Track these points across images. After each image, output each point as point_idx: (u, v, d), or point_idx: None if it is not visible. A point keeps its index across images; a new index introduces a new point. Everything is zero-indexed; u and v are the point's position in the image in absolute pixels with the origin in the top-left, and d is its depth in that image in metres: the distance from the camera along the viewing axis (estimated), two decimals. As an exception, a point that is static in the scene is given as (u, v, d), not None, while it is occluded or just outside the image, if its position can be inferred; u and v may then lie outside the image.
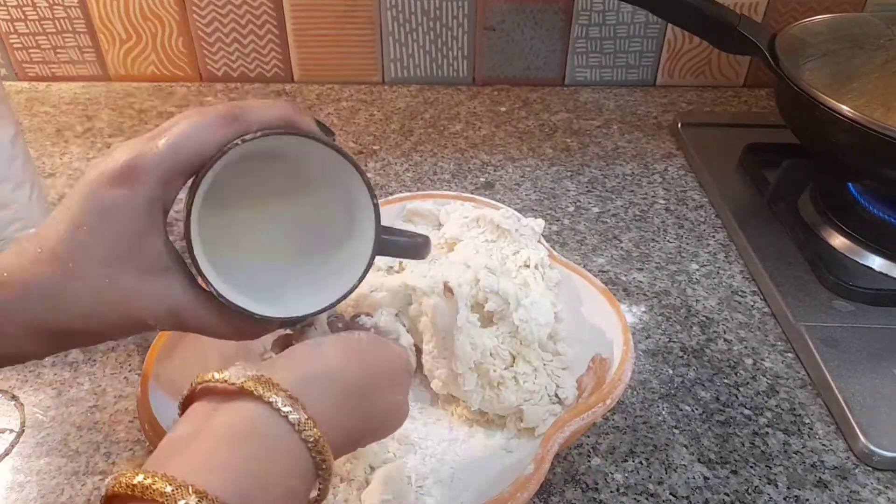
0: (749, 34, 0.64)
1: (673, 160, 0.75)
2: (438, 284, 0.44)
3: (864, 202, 0.63)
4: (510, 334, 0.44)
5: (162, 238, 0.30)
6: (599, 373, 0.43)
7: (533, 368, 0.44)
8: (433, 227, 0.52)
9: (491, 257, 0.47)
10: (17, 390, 0.48)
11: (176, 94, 0.84)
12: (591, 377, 0.44)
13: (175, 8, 0.81)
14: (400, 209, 0.53)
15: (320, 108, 0.83)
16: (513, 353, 0.44)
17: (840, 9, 0.83)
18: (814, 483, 0.44)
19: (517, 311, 0.44)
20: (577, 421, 0.38)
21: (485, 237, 0.49)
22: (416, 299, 0.45)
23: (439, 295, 0.44)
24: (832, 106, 0.56)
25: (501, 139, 0.78)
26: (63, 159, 0.72)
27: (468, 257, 0.47)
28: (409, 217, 0.52)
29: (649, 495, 0.43)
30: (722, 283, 0.59)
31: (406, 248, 0.37)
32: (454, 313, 0.43)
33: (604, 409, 0.39)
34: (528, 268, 0.47)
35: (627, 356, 0.41)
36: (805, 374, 0.51)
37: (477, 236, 0.49)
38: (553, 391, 0.44)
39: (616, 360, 0.41)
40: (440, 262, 0.48)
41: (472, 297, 0.44)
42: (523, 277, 0.47)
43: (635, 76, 0.88)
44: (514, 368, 0.44)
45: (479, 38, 0.85)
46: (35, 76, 0.86)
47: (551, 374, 0.45)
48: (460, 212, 0.51)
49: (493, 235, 0.49)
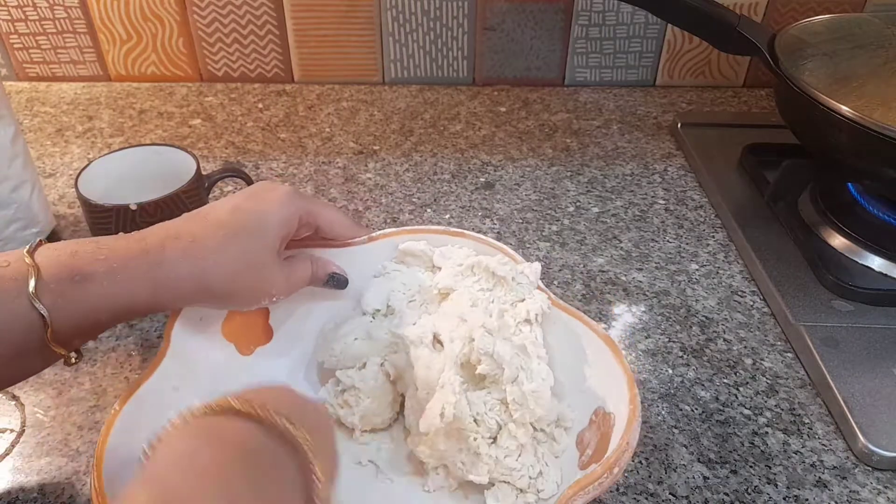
0: (749, 34, 0.64)
1: (673, 160, 0.75)
2: (428, 335, 0.42)
3: (863, 202, 0.63)
4: (500, 402, 0.40)
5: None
6: (603, 428, 0.39)
7: (519, 445, 0.40)
8: (426, 268, 0.49)
9: (489, 311, 0.43)
10: (18, 390, 0.48)
11: (176, 95, 0.84)
12: (593, 432, 0.40)
13: (175, 8, 0.82)
14: (392, 248, 0.49)
15: (320, 108, 0.83)
16: (500, 423, 0.40)
17: (840, 9, 0.83)
18: (813, 483, 0.44)
19: (511, 387, 0.39)
20: (581, 496, 0.34)
21: (480, 285, 0.46)
22: (402, 348, 0.43)
23: (428, 346, 0.41)
24: (832, 106, 0.56)
25: (501, 139, 0.78)
26: (63, 159, 0.72)
27: (464, 310, 0.44)
28: (401, 258, 0.49)
29: (649, 495, 0.43)
30: (721, 283, 0.59)
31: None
32: (440, 369, 0.40)
33: (611, 481, 0.34)
34: (529, 323, 0.43)
35: (635, 417, 0.36)
36: (804, 374, 0.51)
37: (472, 285, 0.46)
38: (535, 474, 0.39)
39: (619, 418, 0.37)
40: (433, 312, 0.46)
41: (464, 356, 0.41)
42: (523, 338, 0.42)
43: (635, 76, 0.88)
44: (499, 441, 0.40)
45: (480, 38, 0.85)
46: (35, 76, 0.86)
47: (539, 458, 0.40)
48: (454, 258, 0.47)
49: (490, 283, 0.46)
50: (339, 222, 0.47)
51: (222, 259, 0.39)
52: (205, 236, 0.39)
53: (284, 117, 0.81)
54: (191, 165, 0.56)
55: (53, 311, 0.35)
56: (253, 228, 0.40)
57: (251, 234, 0.40)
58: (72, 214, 0.64)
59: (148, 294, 0.37)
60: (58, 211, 0.64)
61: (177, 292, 0.38)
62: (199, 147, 0.75)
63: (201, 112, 0.81)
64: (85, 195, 0.52)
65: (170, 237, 0.38)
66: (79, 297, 0.35)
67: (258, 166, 0.72)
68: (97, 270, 0.36)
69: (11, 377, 0.38)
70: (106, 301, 0.36)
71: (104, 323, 0.37)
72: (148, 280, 0.37)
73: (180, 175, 0.54)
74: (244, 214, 0.41)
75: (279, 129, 0.79)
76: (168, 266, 0.37)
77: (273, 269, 0.41)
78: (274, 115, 0.81)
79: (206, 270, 0.38)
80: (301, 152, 0.75)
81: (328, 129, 0.79)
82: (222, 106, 0.83)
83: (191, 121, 0.80)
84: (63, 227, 0.63)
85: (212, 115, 0.81)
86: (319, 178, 0.71)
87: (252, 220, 0.41)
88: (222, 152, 0.74)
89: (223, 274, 0.39)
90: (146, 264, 0.37)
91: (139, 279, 0.37)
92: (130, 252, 0.37)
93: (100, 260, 0.36)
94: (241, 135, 0.78)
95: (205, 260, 0.38)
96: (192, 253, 0.38)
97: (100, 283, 0.36)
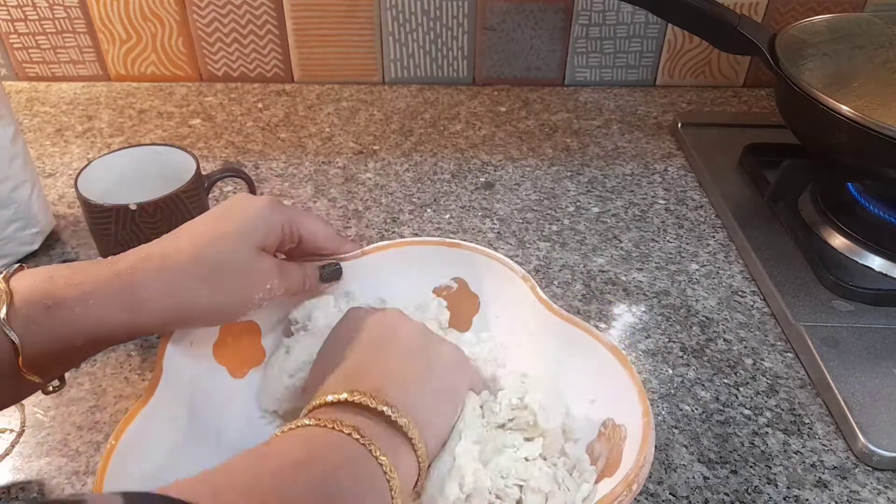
0: (749, 34, 0.64)
1: (673, 160, 0.75)
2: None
3: (863, 202, 0.63)
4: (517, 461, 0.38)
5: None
6: (613, 440, 0.38)
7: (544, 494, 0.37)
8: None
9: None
10: (18, 390, 0.48)
11: (176, 94, 0.84)
12: (603, 444, 0.39)
13: (175, 8, 0.81)
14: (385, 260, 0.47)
15: (320, 108, 0.83)
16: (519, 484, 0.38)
17: (840, 9, 0.83)
18: (813, 483, 0.44)
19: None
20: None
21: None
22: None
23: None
24: (832, 106, 0.56)
25: (501, 139, 0.78)
26: (63, 159, 0.72)
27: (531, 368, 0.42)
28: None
29: (649, 495, 0.43)
30: (722, 283, 0.59)
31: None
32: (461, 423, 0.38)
33: (630, 497, 0.33)
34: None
35: (649, 430, 0.35)
36: (805, 374, 0.51)
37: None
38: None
39: (632, 430, 0.36)
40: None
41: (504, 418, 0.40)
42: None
43: (635, 76, 0.88)
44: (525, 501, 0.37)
45: (480, 38, 0.85)
46: (35, 76, 0.86)
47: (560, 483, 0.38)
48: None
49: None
50: (323, 232, 0.45)
51: (195, 269, 0.38)
52: (176, 251, 0.38)
53: (284, 117, 0.81)
54: (190, 165, 0.55)
55: (25, 338, 0.34)
56: (229, 232, 0.39)
57: (226, 236, 0.39)
58: (71, 214, 0.64)
59: (124, 317, 0.36)
60: (57, 211, 0.64)
61: (154, 312, 0.37)
62: (198, 147, 0.75)
63: (201, 112, 0.81)
64: (84, 195, 0.52)
65: (140, 258, 0.38)
66: (51, 323, 0.35)
67: (258, 166, 0.72)
68: (69, 296, 0.35)
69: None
70: (80, 327, 0.35)
71: (82, 349, 0.37)
72: (121, 303, 0.36)
73: (180, 175, 0.54)
74: (219, 221, 0.40)
75: (279, 128, 0.79)
76: (140, 287, 0.36)
77: (259, 266, 0.40)
78: (274, 114, 0.81)
79: (180, 286, 0.37)
80: (301, 152, 0.75)
81: (328, 128, 0.79)
82: (222, 106, 0.83)
83: (190, 121, 0.80)
84: (63, 227, 0.63)
85: (211, 115, 0.81)
86: (319, 178, 0.71)
87: (228, 226, 0.40)
88: (222, 152, 0.74)
89: (196, 284, 0.38)
90: (118, 287, 0.36)
91: (112, 303, 0.36)
92: (102, 276, 0.36)
93: (73, 285, 0.35)
94: (240, 135, 0.77)
95: (175, 274, 0.37)
96: (162, 269, 0.37)
97: (71, 308, 0.35)
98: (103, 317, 0.36)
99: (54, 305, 0.35)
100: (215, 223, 0.40)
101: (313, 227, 0.45)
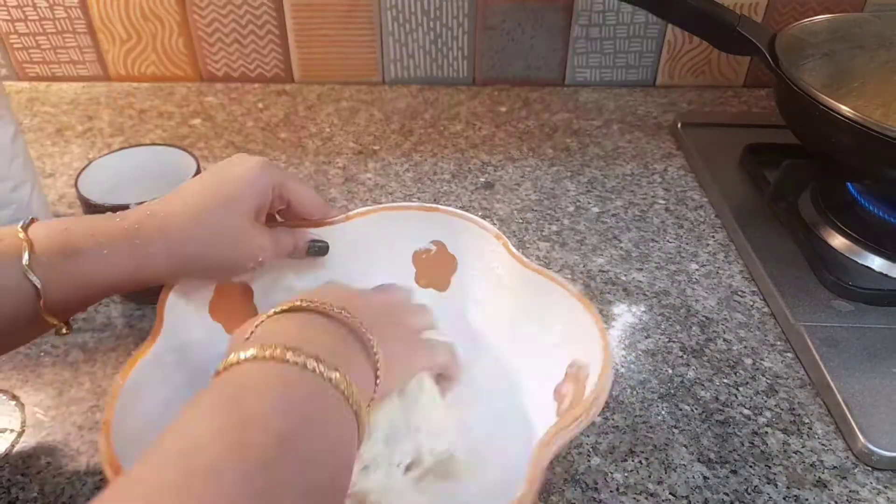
0: (749, 34, 0.64)
1: (673, 160, 0.75)
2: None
3: (863, 202, 0.63)
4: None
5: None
6: (579, 379, 0.40)
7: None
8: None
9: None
10: (18, 390, 0.48)
11: (176, 95, 0.84)
12: (569, 385, 0.41)
13: (175, 8, 0.82)
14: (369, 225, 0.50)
15: (321, 108, 0.83)
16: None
17: (840, 9, 0.83)
18: (813, 482, 0.44)
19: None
20: (562, 435, 0.35)
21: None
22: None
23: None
24: (832, 106, 0.56)
25: (501, 139, 0.78)
26: (63, 159, 0.72)
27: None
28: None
29: (649, 495, 0.43)
30: (721, 283, 0.59)
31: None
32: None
33: (588, 421, 0.36)
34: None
35: (608, 362, 0.38)
36: (804, 374, 0.51)
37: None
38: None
39: (595, 367, 0.39)
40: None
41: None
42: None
43: (635, 76, 0.88)
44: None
45: (480, 38, 0.85)
46: (35, 76, 0.86)
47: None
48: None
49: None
50: (311, 199, 0.48)
51: (195, 232, 0.41)
52: (177, 212, 0.41)
53: (284, 117, 0.81)
54: (191, 165, 0.55)
55: (46, 283, 0.37)
56: (226, 198, 0.42)
57: (224, 204, 0.42)
58: (71, 214, 0.64)
59: (131, 269, 0.39)
60: (57, 211, 0.64)
61: (155, 267, 0.40)
62: (199, 147, 0.75)
63: (201, 112, 0.81)
64: (85, 195, 0.52)
65: (146, 216, 0.40)
66: (70, 271, 0.38)
67: (258, 166, 0.72)
68: (86, 246, 0.38)
69: (5, 345, 0.40)
70: (94, 275, 0.39)
71: (93, 296, 0.40)
72: (129, 256, 0.39)
73: (180, 175, 0.54)
74: (216, 188, 0.42)
75: (279, 128, 0.79)
76: (144, 242, 0.39)
77: (253, 233, 0.43)
78: (274, 114, 0.81)
79: (179, 244, 0.40)
80: (301, 152, 0.75)
81: (328, 129, 0.79)
82: (222, 106, 0.83)
83: (191, 121, 0.80)
84: (63, 226, 0.63)
85: (212, 115, 0.81)
86: (319, 178, 0.71)
87: (225, 190, 0.42)
88: (222, 152, 0.74)
89: (197, 246, 0.41)
90: (126, 241, 0.39)
91: (122, 255, 0.39)
92: (112, 230, 0.39)
93: (89, 237, 0.38)
94: (241, 135, 0.78)
95: (177, 234, 0.40)
96: (165, 228, 0.40)
97: (88, 258, 0.38)
98: (114, 267, 0.39)
99: (74, 254, 0.38)
100: (212, 189, 0.42)
101: (302, 192, 0.47)
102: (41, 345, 0.51)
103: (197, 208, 0.41)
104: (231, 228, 0.42)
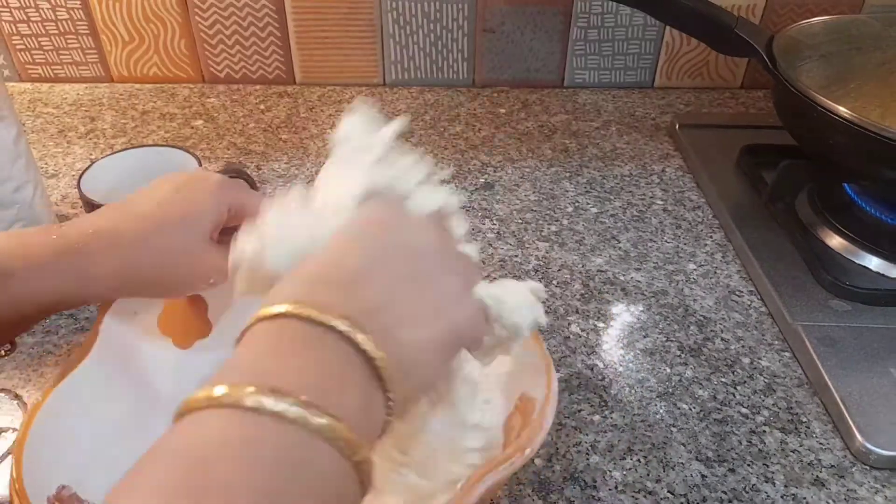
0: (746, 36, 0.65)
1: (671, 161, 0.75)
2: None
3: (860, 203, 0.63)
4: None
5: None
6: (527, 413, 0.39)
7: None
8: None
9: None
10: (20, 389, 0.49)
11: (178, 96, 0.85)
12: (518, 418, 0.40)
13: (177, 10, 0.82)
14: None
15: (322, 110, 0.83)
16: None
17: (837, 10, 0.83)
18: (811, 481, 0.44)
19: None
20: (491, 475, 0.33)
21: None
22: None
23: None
24: (829, 107, 0.56)
25: (501, 140, 0.78)
26: (66, 160, 0.73)
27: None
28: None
29: (647, 493, 0.43)
30: (719, 283, 0.59)
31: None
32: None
33: (523, 460, 0.34)
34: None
35: (549, 398, 0.37)
36: (802, 374, 0.51)
37: None
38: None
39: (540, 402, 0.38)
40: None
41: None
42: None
43: (633, 78, 0.89)
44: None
45: (479, 40, 0.85)
46: (38, 77, 0.87)
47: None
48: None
49: None
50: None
51: (147, 252, 0.39)
52: (128, 229, 0.39)
53: (286, 118, 0.81)
54: (193, 166, 0.56)
55: None
56: (180, 220, 0.40)
57: (178, 226, 0.40)
58: (74, 215, 0.65)
59: (75, 288, 0.38)
60: (60, 211, 0.65)
61: (103, 285, 0.39)
62: (201, 148, 0.75)
63: (203, 113, 0.82)
64: (87, 196, 0.52)
65: (91, 234, 0.38)
66: (2, 293, 0.36)
67: (260, 167, 0.73)
68: (17, 267, 0.36)
69: None
70: (28, 296, 0.37)
71: (32, 316, 0.38)
72: (71, 275, 0.37)
73: (182, 176, 0.55)
74: (171, 206, 0.41)
75: (281, 130, 0.79)
76: (91, 261, 0.38)
77: (206, 256, 0.41)
78: (276, 116, 0.82)
79: (130, 264, 0.39)
80: (303, 153, 0.75)
81: (329, 130, 0.79)
82: (224, 107, 0.83)
83: (193, 122, 0.80)
84: (65, 227, 0.63)
85: (214, 117, 0.81)
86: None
87: (180, 211, 0.41)
88: (224, 153, 0.75)
89: (148, 266, 0.39)
90: (66, 261, 0.37)
91: (62, 275, 0.37)
92: (48, 249, 0.37)
93: (20, 257, 0.36)
94: (242, 136, 0.78)
95: (129, 253, 0.39)
96: (114, 248, 0.38)
97: (20, 278, 0.36)
98: (52, 287, 0.37)
99: (3, 275, 0.36)
100: (162, 207, 0.40)
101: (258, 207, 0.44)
102: (44, 344, 0.52)
103: (150, 229, 0.39)
104: (183, 253, 0.40)
